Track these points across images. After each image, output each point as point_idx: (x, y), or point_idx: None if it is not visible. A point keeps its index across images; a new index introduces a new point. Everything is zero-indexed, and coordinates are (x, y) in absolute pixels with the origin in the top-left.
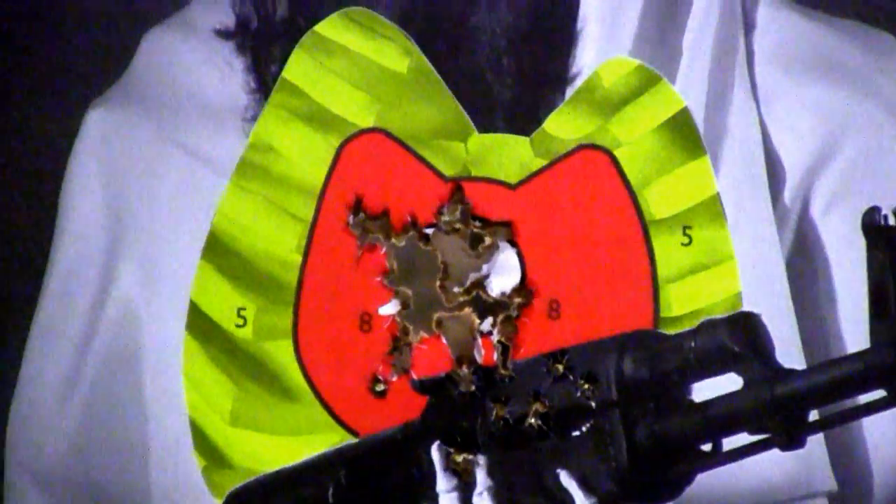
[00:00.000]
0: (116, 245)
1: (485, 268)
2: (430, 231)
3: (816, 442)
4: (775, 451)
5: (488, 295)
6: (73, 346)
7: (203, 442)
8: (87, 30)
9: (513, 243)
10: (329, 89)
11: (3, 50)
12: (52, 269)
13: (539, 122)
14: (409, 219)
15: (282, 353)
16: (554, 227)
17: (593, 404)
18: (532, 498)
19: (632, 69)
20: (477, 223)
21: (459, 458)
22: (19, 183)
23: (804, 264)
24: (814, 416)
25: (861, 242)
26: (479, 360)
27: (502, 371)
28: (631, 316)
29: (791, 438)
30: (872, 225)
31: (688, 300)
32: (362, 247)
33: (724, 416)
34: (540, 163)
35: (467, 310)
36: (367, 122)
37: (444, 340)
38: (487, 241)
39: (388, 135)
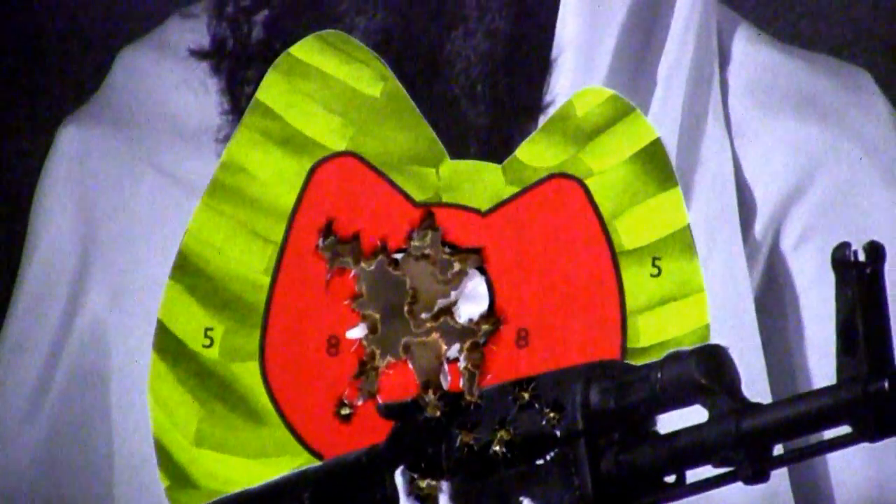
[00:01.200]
0: (86, 263)
1: (453, 294)
2: (399, 256)
3: (781, 476)
4: (739, 485)
5: (456, 321)
6: (41, 362)
7: (167, 462)
8: (61, 47)
9: (482, 270)
10: (302, 112)
11: None
12: (21, 285)
13: (512, 149)
14: (379, 243)
15: (248, 375)
16: (524, 255)
17: (559, 433)
18: None
19: (605, 99)
20: (447, 249)
21: (423, 484)
22: None
23: (773, 298)
24: (778, 450)
25: (831, 278)
26: (446, 386)
27: (468, 397)
28: (599, 346)
29: (755, 472)
30: (842, 261)
31: (656, 331)
32: (331, 270)
33: (688, 448)
34: (511, 190)
35: (435, 336)
36: (340, 145)
37: (410, 366)
38: (457, 267)
39: (361, 159)
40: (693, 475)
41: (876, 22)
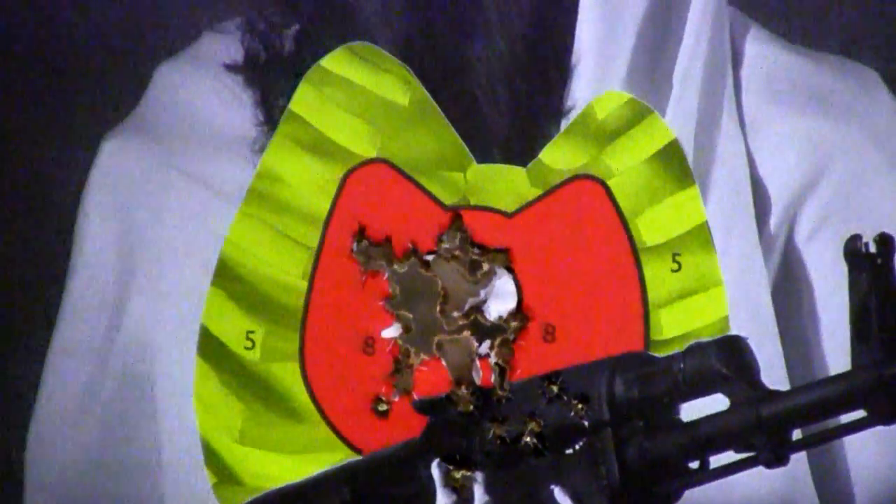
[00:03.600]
0: (129, 271)
1: (482, 293)
2: (430, 258)
3: (800, 460)
4: (760, 469)
5: (486, 319)
6: (89, 367)
7: (214, 459)
8: (101, 61)
9: (510, 269)
10: (334, 121)
11: (21, 81)
12: (67, 295)
13: (535, 153)
14: (410, 246)
15: (288, 375)
16: (549, 254)
17: (586, 423)
18: None
19: (624, 102)
20: (475, 250)
21: (458, 475)
22: (35, 211)
23: (789, 289)
24: (797, 434)
25: (844, 268)
26: (478, 381)
27: (499, 392)
28: (622, 339)
29: (776, 456)
30: (854, 252)
31: (677, 324)
32: (366, 273)
33: (711, 434)
34: (536, 192)
35: (466, 333)
36: (370, 152)
37: (443, 362)
38: (485, 267)
39: (390, 165)
40: (716, 461)
41: (881, 24)
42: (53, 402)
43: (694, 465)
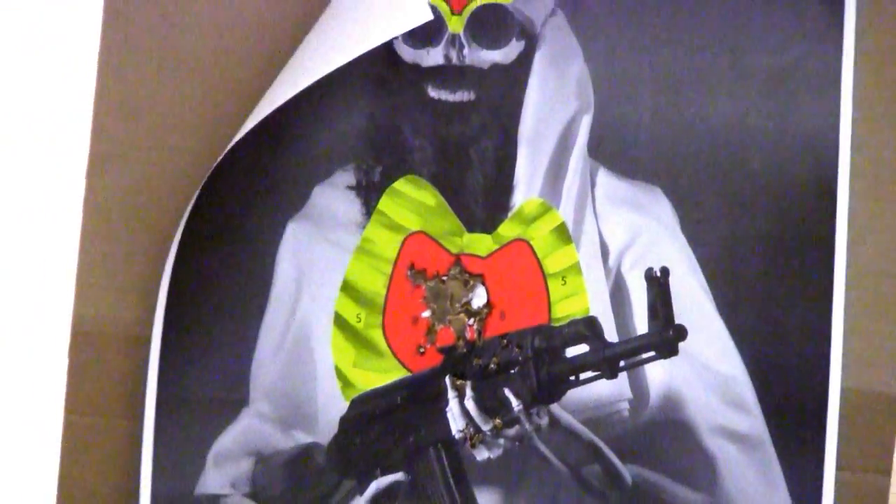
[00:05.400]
0: (300, 288)
1: (470, 296)
2: (445, 279)
3: (623, 375)
4: (603, 380)
5: (472, 308)
6: (278, 336)
7: (341, 375)
8: (288, 183)
9: (483, 284)
10: (399, 213)
11: (243, 188)
12: (269, 300)
13: (496, 228)
14: (435, 273)
15: (377, 335)
16: (503, 277)
17: (520, 359)
18: (490, 402)
19: (539, 203)
20: (466, 275)
21: (458, 383)
22: (253, 258)
23: (618, 295)
24: (623, 363)
25: (644, 285)
26: (468, 338)
27: (478, 343)
28: (537, 318)
29: (611, 375)
30: (649, 276)
31: (564, 310)
32: (414, 285)
33: (580, 364)
34: (496, 246)
35: (462, 315)
36: (417, 227)
37: (451, 329)
38: (471, 283)
39: (427, 234)
40: (582, 377)
41: (673, 162)
42: (263, 351)
43: (573, 378)
